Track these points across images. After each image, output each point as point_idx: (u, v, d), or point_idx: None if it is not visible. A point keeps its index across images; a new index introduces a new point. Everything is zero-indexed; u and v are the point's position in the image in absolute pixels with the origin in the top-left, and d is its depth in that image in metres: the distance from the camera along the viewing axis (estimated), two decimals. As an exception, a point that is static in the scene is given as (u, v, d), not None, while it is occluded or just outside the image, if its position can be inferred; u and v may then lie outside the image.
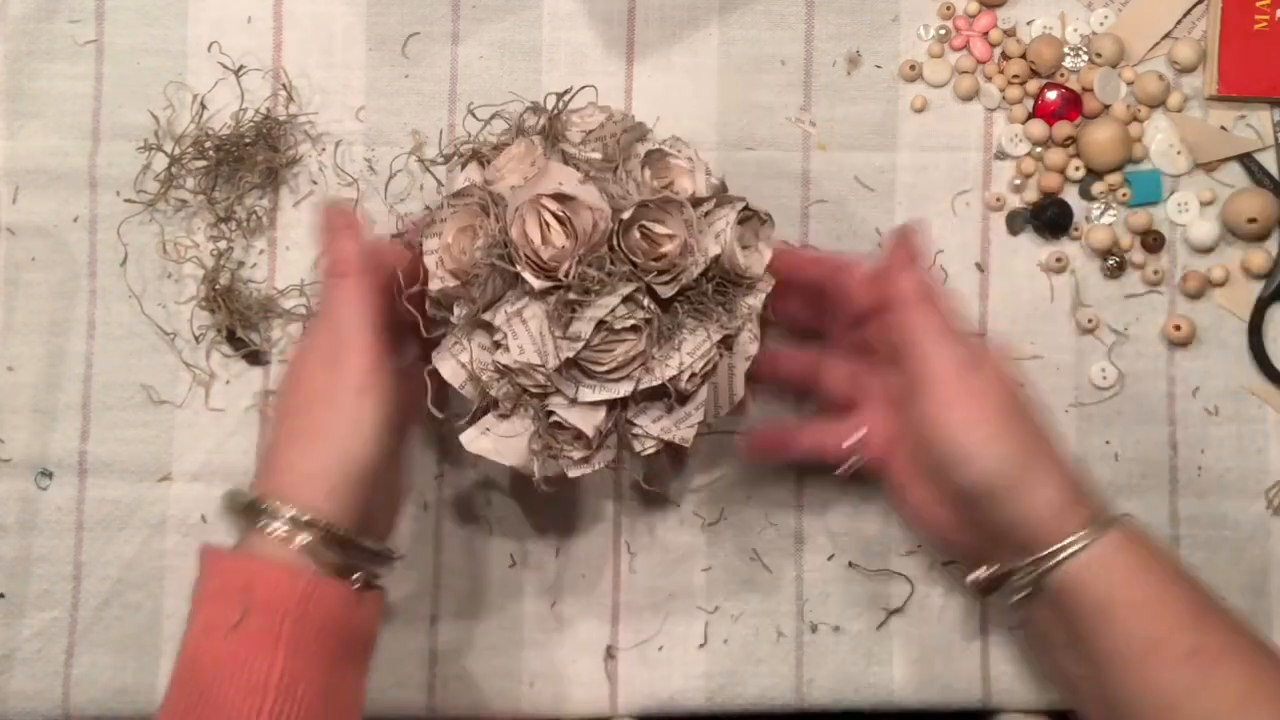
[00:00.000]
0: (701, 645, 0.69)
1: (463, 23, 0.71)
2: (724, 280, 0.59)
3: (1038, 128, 0.69)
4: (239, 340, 0.70)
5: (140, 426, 0.70)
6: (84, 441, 0.70)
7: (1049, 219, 0.69)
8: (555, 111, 0.60)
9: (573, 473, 0.58)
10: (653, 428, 0.59)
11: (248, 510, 0.56)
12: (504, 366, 0.58)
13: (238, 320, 0.69)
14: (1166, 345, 0.69)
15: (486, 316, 0.58)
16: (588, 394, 0.57)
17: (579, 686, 0.69)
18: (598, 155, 0.58)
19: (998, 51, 0.70)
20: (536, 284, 0.56)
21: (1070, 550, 0.57)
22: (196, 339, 0.70)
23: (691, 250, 0.57)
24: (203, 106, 0.70)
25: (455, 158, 0.61)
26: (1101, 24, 0.70)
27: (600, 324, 0.56)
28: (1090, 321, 0.69)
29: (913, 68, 0.70)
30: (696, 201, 0.59)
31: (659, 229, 0.57)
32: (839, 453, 0.63)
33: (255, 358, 0.70)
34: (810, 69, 0.71)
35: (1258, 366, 0.69)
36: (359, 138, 0.71)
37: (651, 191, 0.58)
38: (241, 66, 0.71)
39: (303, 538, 0.55)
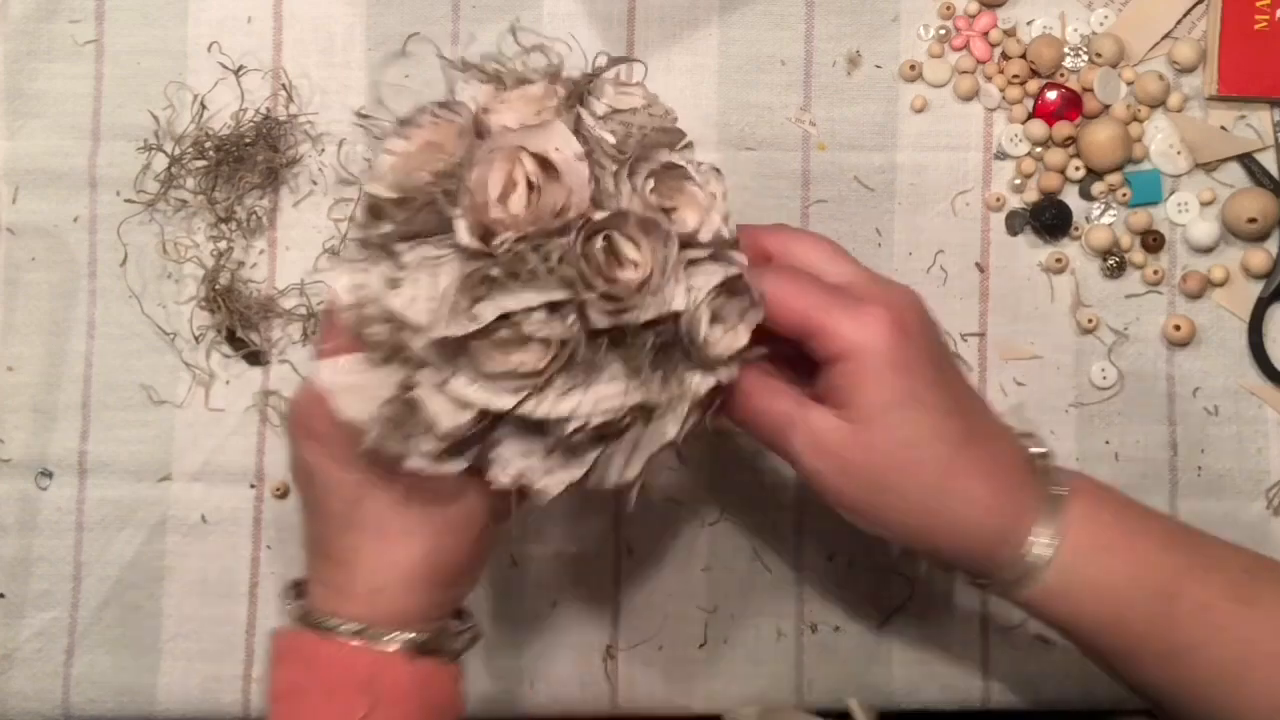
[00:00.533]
0: (701, 645, 0.69)
1: (463, 23, 0.71)
2: (671, 344, 0.49)
3: (1038, 128, 0.69)
4: (239, 340, 0.70)
5: (140, 426, 0.70)
6: (84, 441, 0.70)
7: (1049, 219, 0.69)
8: (596, 72, 0.52)
9: (410, 464, 0.49)
10: (515, 461, 0.49)
11: (322, 625, 0.52)
12: (389, 311, 0.48)
13: (238, 320, 0.69)
14: (1166, 345, 0.69)
15: (401, 248, 0.49)
16: (460, 386, 0.47)
17: (579, 686, 0.69)
18: (612, 139, 0.50)
19: (998, 51, 0.70)
20: (465, 240, 0.47)
21: (1014, 584, 0.53)
22: (196, 339, 0.70)
23: (651, 291, 0.48)
24: (203, 107, 0.70)
25: (473, 70, 0.52)
26: (1102, 24, 0.70)
27: (506, 316, 0.47)
28: (1090, 321, 0.69)
29: (913, 68, 0.70)
30: (688, 243, 0.50)
31: (629, 250, 0.48)
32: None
33: (255, 358, 0.70)
34: (810, 69, 0.71)
35: (1258, 366, 0.69)
36: (359, 138, 0.71)
37: (643, 206, 0.49)
38: (241, 66, 0.71)
39: (399, 639, 0.52)
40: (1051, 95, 0.69)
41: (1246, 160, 0.70)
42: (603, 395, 0.48)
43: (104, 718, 0.69)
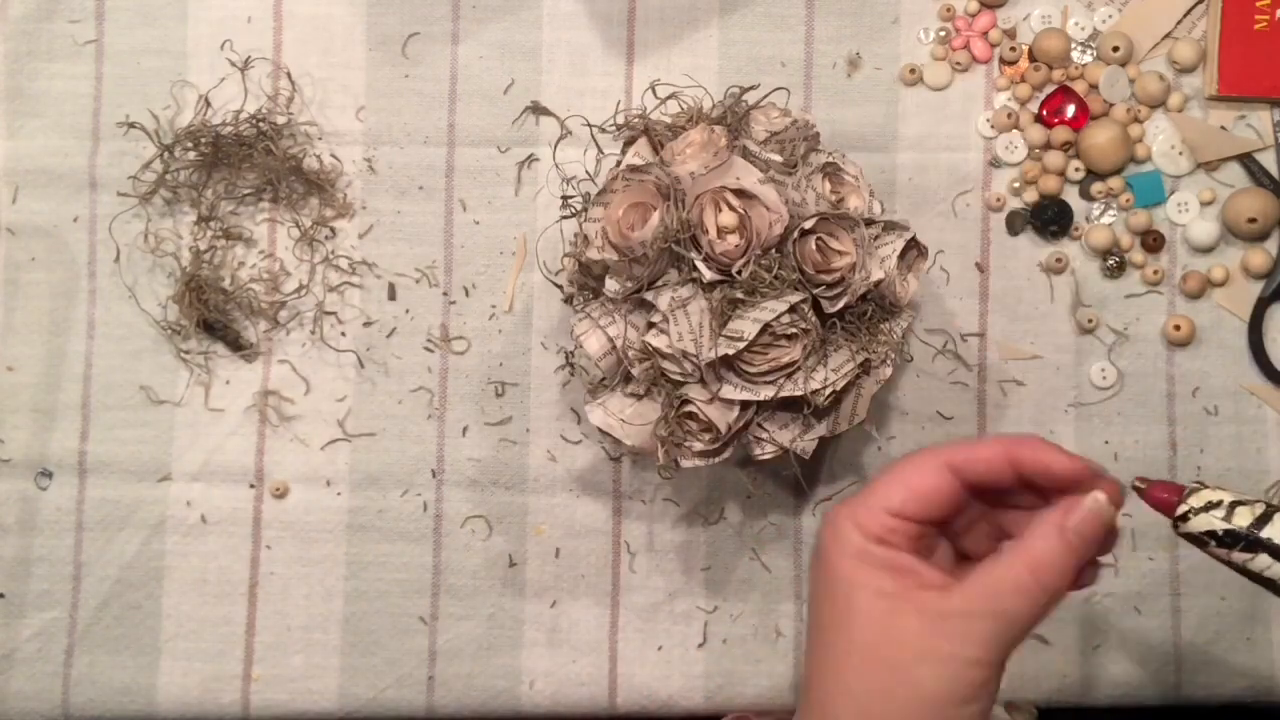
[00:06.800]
0: (701, 645, 0.69)
1: (463, 23, 0.71)
2: (877, 305, 0.59)
3: (1036, 133, 0.69)
4: (238, 343, 0.70)
5: (140, 426, 0.70)
6: (84, 441, 0.70)
7: (1049, 219, 0.69)
8: (748, 106, 0.60)
9: (687, 464, 0.59)
10: (780, 434, 0.59)
11: None
12: (653, 349, 0.57)
13: (231, 319, 0.69)
14: (1166, 345, 0.69)
15: (649, 296, 0.58)
16: (730, 392, 0.57)
17: (579, 686, 0.69)
18: (778, 158, 0.58)
19: (1000, 50, 0.70)
20: (708, 275, 0.56)
21: None
22: (197, 339, 0.70)
23: (859, 271, 0.57)
24: (207, 104, 0.70)
25: (624, 129, 0.61)
26: (1104, 23, 0.70)
27: (764, 328, 0.55)
28: (1090, 321, 0.69)
29: (913, 71, 0.70)
30: (868, 222, 0.59)
31: (833, 243, 0.57)
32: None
33: (236, 344, 0.70)
34: (810, 71, 0.71)
35: (1258, 366, 0.69)
36: (359, 138, 0.71)
37: (830, 205, 0.58)
38: (248, 58, 0.71)
39: None
40: (1070, 111, 0.69)
41: (1246, 160, 0.70)
42: (839, 363, 0.58)
43: (104, 718, 0.69)
